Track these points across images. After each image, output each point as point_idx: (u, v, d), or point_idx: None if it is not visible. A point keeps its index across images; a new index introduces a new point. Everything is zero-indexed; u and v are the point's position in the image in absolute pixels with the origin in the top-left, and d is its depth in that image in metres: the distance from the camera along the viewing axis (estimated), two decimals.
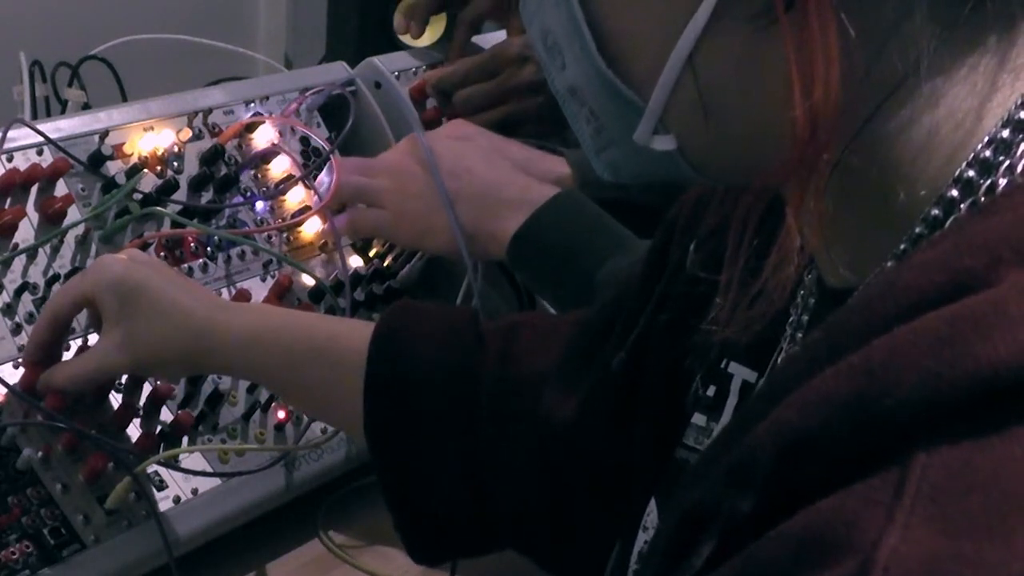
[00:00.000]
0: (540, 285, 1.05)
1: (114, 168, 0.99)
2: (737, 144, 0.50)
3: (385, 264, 1.14)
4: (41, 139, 0.96)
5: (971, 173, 0.43)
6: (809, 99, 0.44)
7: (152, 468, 0.89)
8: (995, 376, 0.35)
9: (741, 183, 0.55)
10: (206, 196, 1.05)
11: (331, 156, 1.08)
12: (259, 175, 1.09)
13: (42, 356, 0.87)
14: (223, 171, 1.06)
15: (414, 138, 1.08)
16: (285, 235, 1.09)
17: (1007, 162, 0.43)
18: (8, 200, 0.93)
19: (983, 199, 0.43)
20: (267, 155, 1.09)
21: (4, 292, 0.90)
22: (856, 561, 0.34)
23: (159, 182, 1.01)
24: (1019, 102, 0.44)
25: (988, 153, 0.43)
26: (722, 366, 0.63)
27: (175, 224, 1.00)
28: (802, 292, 0.55)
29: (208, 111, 1.08)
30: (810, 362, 0.40)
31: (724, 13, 0.46)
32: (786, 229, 0.52)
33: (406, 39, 1.30)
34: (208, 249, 1.03)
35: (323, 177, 1.09)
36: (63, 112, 1.22)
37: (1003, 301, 0.36)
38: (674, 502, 0.45)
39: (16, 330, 0.89)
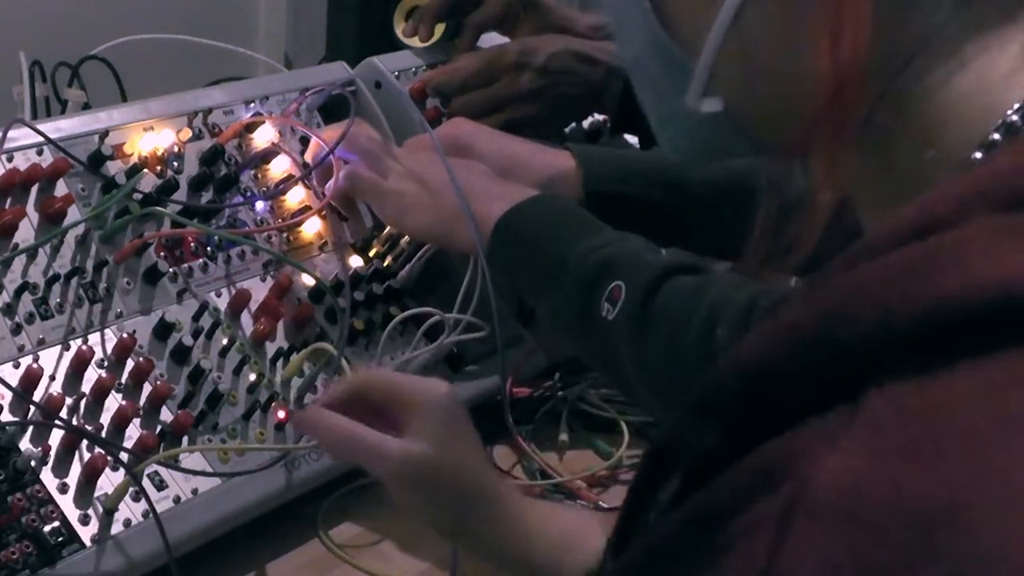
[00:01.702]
0: (515, 276, 1.05)
1: (114, 168, 0.99)
2: (778, 104, 0.51)
3: (385, 264, 1.14)
4: (41, 139, 0.96)
5: (996, 136, 0.44)
6: (837, 53, 0.45)
7: (152, 468, 0.89)
8: (944, 310, 0.35)
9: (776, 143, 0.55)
10: (206, 196, 1.05)
11: (331, 156, 1.08)
12: (259, 175, 1.09)
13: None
14: (223, 171, 1.06)
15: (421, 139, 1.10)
16: (285, 235, 1.09)
17: None
18: (8, 200, 0.93)
19: None
20: (267, 155, 1.10)
21: (4, 292, 0.90)
22: (796, 484, 0.34)
23: (159, 182, 1.01)
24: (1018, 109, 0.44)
25: (1016, 118, 0.43)
26: None
27: (175, 224, 1.00)
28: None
29: (208, 111, 1.08)
30: (795, 300, 0.40)
31: None
32: (815, 183, 0.52)
33: (412, 41, 1.30)
34: (208, 249, 1.03)
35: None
36: (63, 112, 1.22)
37: (962, 240, 0.36)
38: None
39: (16, 330, 0.89)
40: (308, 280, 1.07)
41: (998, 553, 0.31)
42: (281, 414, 0.99)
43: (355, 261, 1.13)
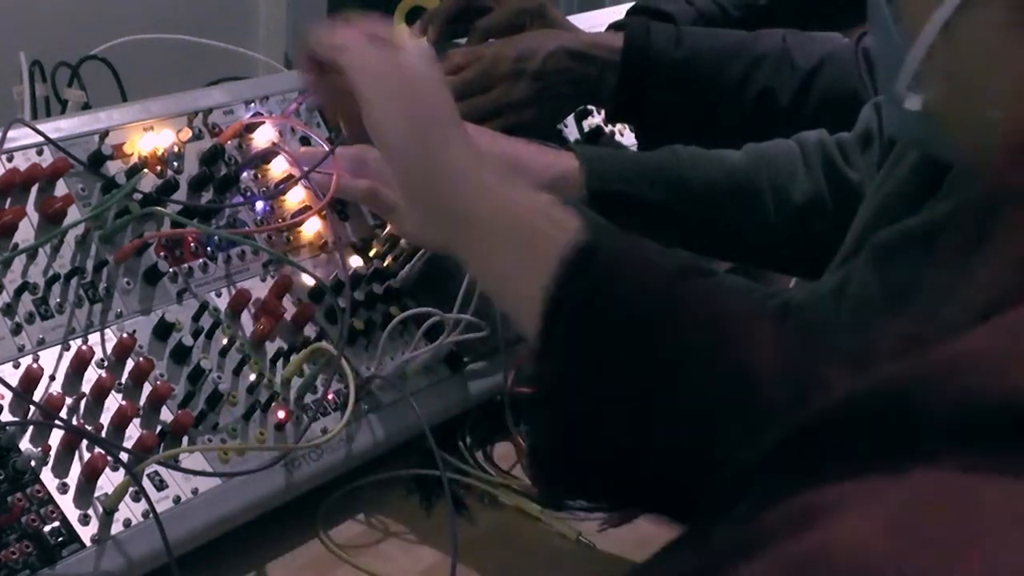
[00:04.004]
0: None
1: (114, 168, 0.99)
2: (972, 128, 0.50)
3: (385, 264, 1.14)
4: (41, 139, 0.96)
5: None
6: None
7: (152, 468, 0.89)
8: (1014, 407, 0.34)
9: (975, 170, 0.54)
10: (206, 196, 1.05)
11: (331, 156, 1.08)
12: (259, 175, 1.09)
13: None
14: (223, 171, 1.06)
15: None
16: (285, 235, 1.09)
17: None
18: (8, 200, 0.93)
19: None
20: (267, 155, 1.09)
21: (4, 292, 0.90)
22: (821, 534, 0.34)
23: (159, 182, 1.01)
24: None
25: None
26: None
27: (175, 224, 1.00)
28: None
29: (208, 111, 1.08)
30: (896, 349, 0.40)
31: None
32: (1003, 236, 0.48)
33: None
34: (208, 249, 1.03)
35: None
36: (63, 112, 1.22)
37: None
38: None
39: (16, 330, 0.89)
40: (308, 280, 1.07)
41: None
42: (281, 414, 0.99)
43: (355, 261, 1.13)
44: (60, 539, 0.83)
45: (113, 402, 0.91)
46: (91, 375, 0.91)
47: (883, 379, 0.38)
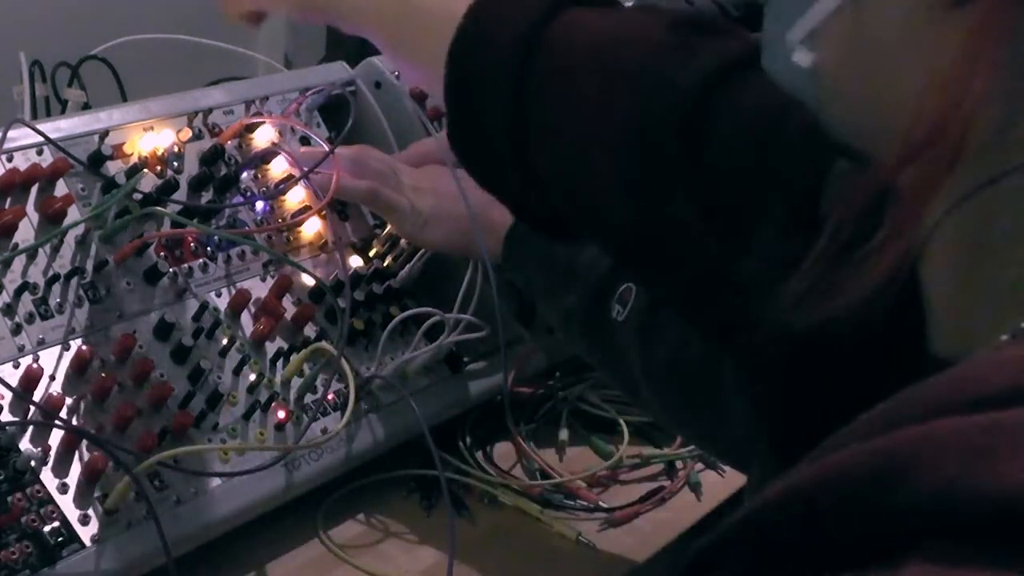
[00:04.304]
0: (529, 281, 1.06)
1: (114, 168, 0.99)
2: (864, 108, 0.48)
3: (385, 264, 1.14)
4: (41, 139, 0.96)
5: None
6: (939, 100, 0.41)
7: (152, 468, 0.89)
8: (1009, 503, 0.32)
9: (856, 147, 0.51)
10: (206, 196, 1.05)
11: (331, 156, 1.08)
12: (259, 175, 1.09)
13: None
14: (223, 171, 1.06)
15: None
16: (285, 235, 1.09)
17: None
18: (8, 200, 0.93)
19: None
20: (267, 155, 1.09)
21: (4, 292, 0.90)
22: None
23: (159, 182, 1.01)
24: None
25: None
26: None
27: (175, 224, 1.00)
28: None
29: (208, 111, 1.08)
30: (866, 428, 0.37)
31: None
32: (887, 230, 0.46)
33: None
34: (208, 249, 1.03)
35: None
36: (63, 112, 1.22)
37: (1018, 429, 0.33)
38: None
39: (16, 330, 0.89)
40: (308, 280, 1.07)
41: None
42: (281, 414, 0.99)
43: (355, 261, 1.13)
44: (60, 539, 0.83)
45: (113, 402, 0.91)
46: (91, 375, 0.91)
47: (846, 461, 0.35)
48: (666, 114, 0.70)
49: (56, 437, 0.87)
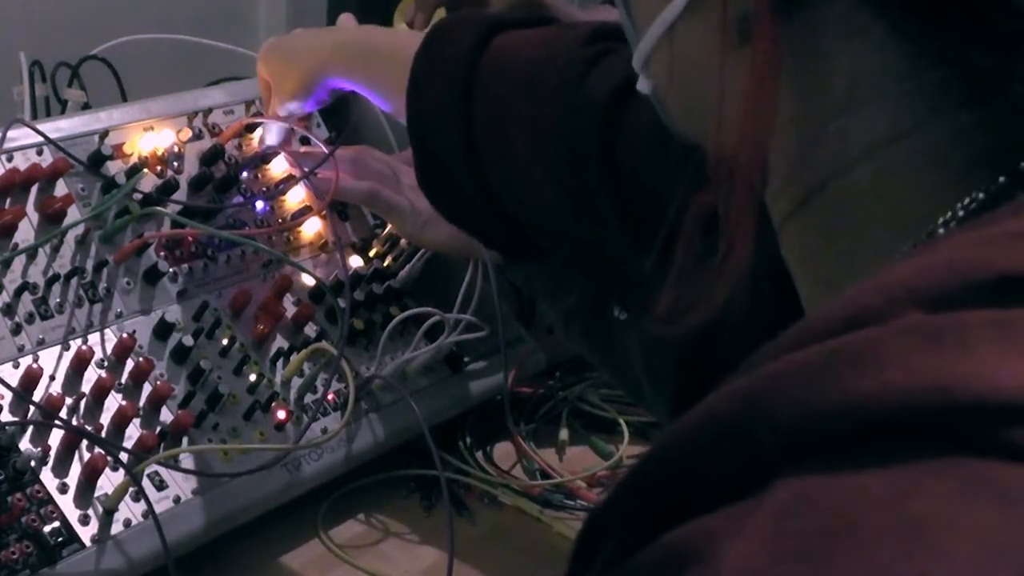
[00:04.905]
0: (530, 281, 1.06)
1: (114, 168, 0.99)
2: (691, 125, 0.52)
3: (385, 264, 1.14)
4: (41, 139, 0.96)
5: (941, 231, 0.43)
6: (735, 128, 0.45)
7: (152, 468, 0.89)
8: (857, 411, 0.35)
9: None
10: (206, 196, 1.05)
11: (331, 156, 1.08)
12: (259, 175, 1.09)
13: None
14: (223, 171, 1.06)
15: None
16: (285, 235, 1.09)
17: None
18: (8, 200, 0.93)
19: None
20: (267, 155, 1.10)
21: (4, 292, 0.90)
22: (698, 571, 0.34)
23: (159, 182, 1.01)
24: (968, 204, 0.43)
25: (963, 213, 0.43)
26: None
27: (175, 224, 1.00)
28: None
29: (208, 111, 1.08)
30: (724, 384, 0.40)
31: (699, 9, 0.48)
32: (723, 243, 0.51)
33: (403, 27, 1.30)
34: (208, 249, 1.03)
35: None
36: (63, 112, 1.22)
37: (880, 339, 0.36)
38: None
39: (16, 330, 0.89)
40: (308, 280, 1.07)
41: None
42: (281, 414, 0.99)
43: (355, 261, 1.13)
44: (60, 539, 0.83)
45: (113, 402, 0.91)
46: (91, 375, 0.91)
47: (712, 406, 0.38)
48: (587, 126, 0.78)
49: (56, 437, 0.87)
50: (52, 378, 0.89)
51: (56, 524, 0.83)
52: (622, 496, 0.41)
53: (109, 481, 0.87)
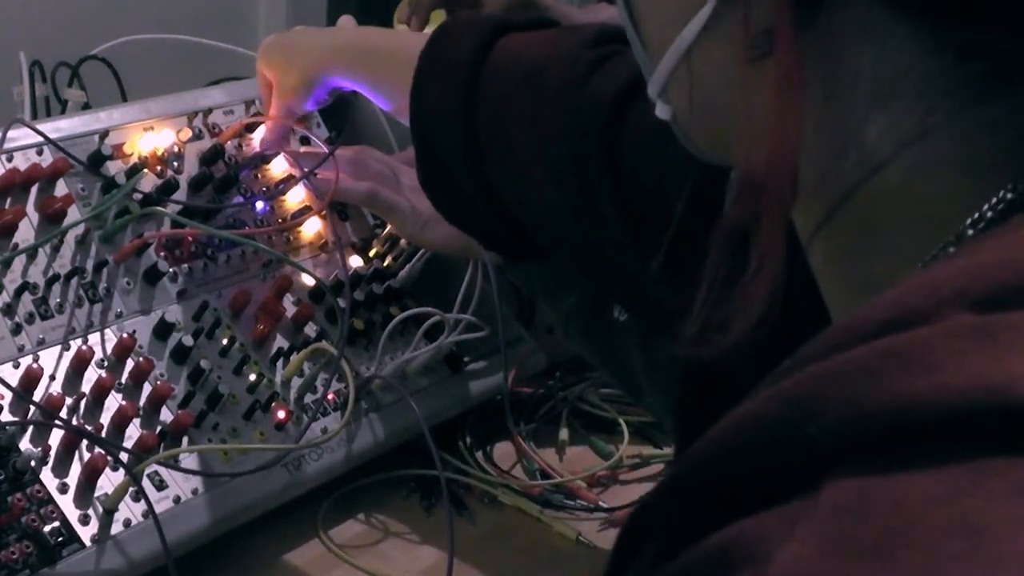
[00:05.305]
0: (530, 281, 1.06)
1: (114, 168, 0.99)
2: (715, 148, 0.52)
3: (385, 264, 1.14)
4: (41, 139, 0.96)
5: (971, 232, 0.43)
6: (762, 145, 0.45)
7: (152, 468, 0.89)
8: (911, 412, 0.35)
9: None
10: (206, 196, 1.05)
11: (331, 156, 1.08)
12: (259, 175, 1.09)
13: None
14: (223, 171, 1.06)
15: None
16: (285, 235, 1.09)
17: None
18: (8, 200, 0.93)
19: None
20: (267, 155, 1.09)
21: (4, 292, 0.90)
22: (752, 570, 0.34)
23: (159, 182, 1.01)
24: (996, 204, 0.43)
25: (991, 214, 0.42)
26: None
27: (175, 224, 1.00)
28: None
29: (208, 111, 1.08)
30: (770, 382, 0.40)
31: (716, 29, 0.48)
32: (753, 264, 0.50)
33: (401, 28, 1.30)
34: (208, 249, 1.03)
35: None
36: (63, 112, 1.22)
37: (932, 339, 0.36)
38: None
39: (16, 330, 0.89)
40: (308, 280, 1.07)
41: None
42: (281, 414, 0.99)
43: (355, 261, 1.13)
44: (60, 539, 0.83)
45: (113, 402, 0.91)
46: (91, 375, 0.91)
47: (757, 408, 0.38)
48: (589, 127, 0.78)
49: (56, 437, 0.87)
50: (52, 378, 0.89)
51: (56, 524, 0.83)
52: (664, 497, 0.41)
53: (109, 481, 0.87)
